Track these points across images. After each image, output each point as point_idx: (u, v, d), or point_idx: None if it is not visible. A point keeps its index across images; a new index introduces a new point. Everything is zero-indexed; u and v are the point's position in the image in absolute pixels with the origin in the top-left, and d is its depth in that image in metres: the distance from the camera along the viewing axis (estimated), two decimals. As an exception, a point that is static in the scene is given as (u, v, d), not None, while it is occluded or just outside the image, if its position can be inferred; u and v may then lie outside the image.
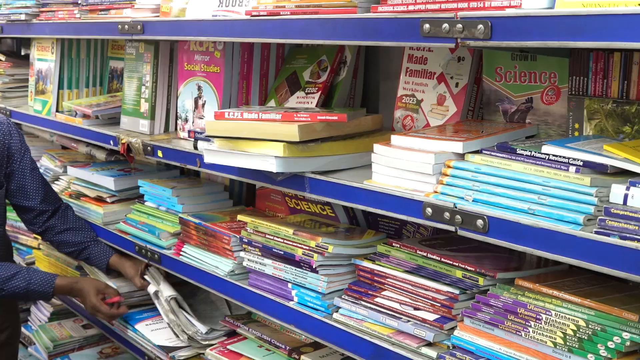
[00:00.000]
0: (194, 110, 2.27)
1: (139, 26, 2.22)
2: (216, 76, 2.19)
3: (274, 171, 1.71)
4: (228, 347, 2.21)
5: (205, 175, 2.61)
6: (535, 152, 1.39)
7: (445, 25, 1.37)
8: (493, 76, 1.77)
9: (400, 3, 1.50)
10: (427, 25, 1.40)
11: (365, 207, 1.62)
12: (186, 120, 2.30)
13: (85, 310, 2.59)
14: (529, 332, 1.41)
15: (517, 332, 1.43)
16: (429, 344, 1.57)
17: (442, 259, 1.63)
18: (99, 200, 2.74)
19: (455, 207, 1.42)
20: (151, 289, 2.46)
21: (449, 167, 1.48)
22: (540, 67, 1.68)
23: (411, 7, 1.48)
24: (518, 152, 1.42)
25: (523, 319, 1.43)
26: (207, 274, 2.13)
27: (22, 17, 2.95)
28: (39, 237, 3.11)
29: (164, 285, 2.43)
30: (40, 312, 3.47)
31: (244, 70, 2.21)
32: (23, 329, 3.48)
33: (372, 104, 2.22)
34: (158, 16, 2.27)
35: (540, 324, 1.40)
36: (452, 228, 1.43)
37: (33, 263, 3.29)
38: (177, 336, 2.35)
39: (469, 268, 1.59)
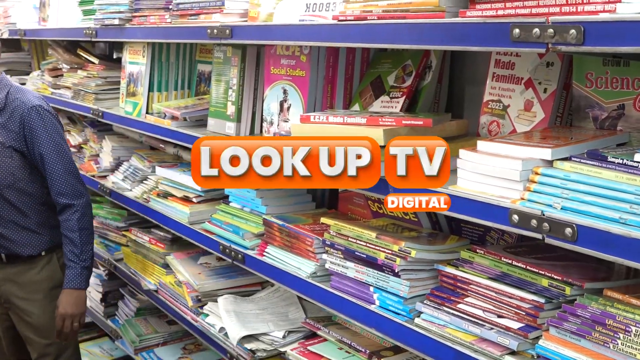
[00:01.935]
0: (279, 113, 2.31)
1: (227, 31, 2.28)
2: (302, 80, 2.22)
3: (359, 175, 1.72)
4: (308, 347, 2.23)
5: (289, 177, 2.64)
6: (627, 160, 1.36)
7: (536, 30, 1.35)
8: (583, 82, 1.73)
9: (489, 8, 1.49)
10: (517, 30, 1.39)
11: (449, 213, 1.61)
12: (271, 123, 2.34)
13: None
14: (617, 344, 1.38)
15: (605, 344, 1.40)
16: (513, 353, 1.56)
17: (528, 267, 1.61)
18: (186, 200, 2.81)
19: (543, 215, 1.40)
20: (216, 325, 2.55)
21: (536, 173, 1.46)
22: (633, 73, 1.64)
23: (500, 12, 1.47)
24: (609, 159, 1.38)
25: (611, 331, 1.39)
26: (289, 275, 2.16)
27: (116, 21, 3.05)
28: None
29: (228, 323, 2.47)
30: (127, 307, 3.58)
31: (329, 74, 2.23)
32: (110, 323, 3.61)
33: (457, 109, 2.21)
34: (246, 21, 2.32)
35: (630, 336, 1.36)
36: (539, 236, 1.41)
37: (121, 260, 3.41)
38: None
39: (555, 277, 1.56)
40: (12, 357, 3.14)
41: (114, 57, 4.00)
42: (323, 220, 2.10)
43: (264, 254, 2.29)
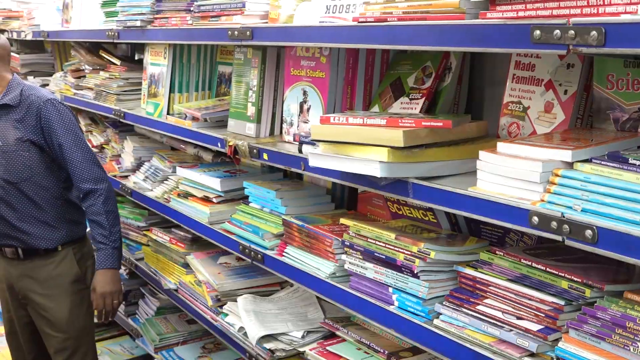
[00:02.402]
0: (299, 115, 2.32)
1: (248, 32, 2.29)
2: (321, 81, 2.23)
3: (378, 176, 1.73)
4: (327, 348, 2.24)
5: (308, 178, 2.65)
6: (648, 162, 1.35)
7: (557, 31, 1.35)
8: (604, 84, 1.73)
9: (509, 9, 1.49)
10: (537, 32, 1.39)
11: (469, 214, 1.61)
12: (291, 124, 2.35)
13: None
14: (637, 347, 1.37)
15: (625, 347, 1.39)
16: (532, 355, 1.55)
17: (548, 269, 1.61)
18: (206, 200, 2.83)
19: (563, 217, 1.40)
20: (236, 324, 2.56)
21: (557, 175, 1.46)
22: (655, 75, 1.63)
23: (521, 14, 1.46)
24: (630, 161, 1.38)
25: (632, 334, 1.39)
26: (308, 275, 2.16)
27: (138, 23, 3.08)
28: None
29: (248, 323, 2.48)
30: (147, 306, 3.61)
31: (348, 76, 2.24)
32: (131, 322, 3.64)
33: (477, 110, 2.21)
34: (266, 22, 2.34)
35: (651, 339, 1.36)
36: (559, 238, 1.41)
37: (142, 259, 3.44)
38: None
39: (575, 279, 1.56)
40: (30, 353, 3.19)
41: (136, 58, 4.03)
42: (342, 221, 2.10)
43: (283, 254, 2.30)
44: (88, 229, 3.19)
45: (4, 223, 2.94)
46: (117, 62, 3.70)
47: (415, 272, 1.81)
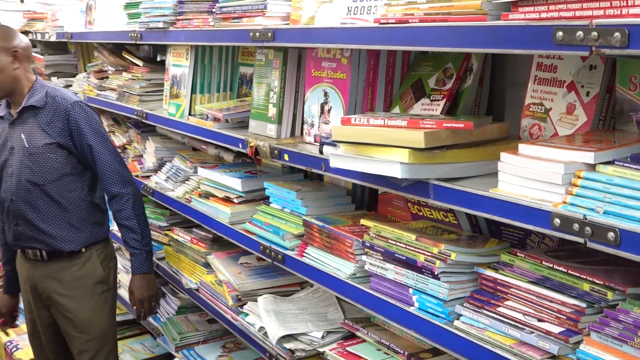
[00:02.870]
0: (320, 116, 2.33)
1: (269, 33, 2.30)
2: (342, 82, 2.24)
3: (399, 177, 1.73)
4: (347, 348, 2.25)
5: (329, 179, 2.66)
6: (672, 164, 1.34)
7: (580, 33, 1.35)
8: (627, 85, 1.72)
9: (532, 10, 1.49)
10: (560, 33, 1.38)
11: (490, 216, 1.61)
12: (312, 125, 2.36)
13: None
14: (660, 350, 1.37)
15: (648, 350, 1.39)
16: (553, 357, 1.55)
17: (569, 271, 1.60)
18: (227, 200, 2.84)
19: (585, 219, 1.39)
20: (256, 324, 2.57)
21: (579, 177, 1.45)
22: (679, 76, 1.62)
23: (544, 15, 1.46)
24: (653, 164, 1.37)
25: (654, 337, 1.38)
26: (328, 276, 2.17)
27: (160, 25, 3.10)
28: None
29: (268, 323, 2.49)
30: (168, 306, 3.63)
31: (369, 77, 2.24)
32: (152, 321, 3.67)
33: (498, 111, 2.20)
34: (288, 24, 2.35)
35: (673, 342, 1.35)
36: (581, 240, 1.40)
37: (163, 258, 3.46)
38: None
39: (597, 281, 1.55)
40: (52, 353, 3.22)
41: (158, 59, 4.06)
42: (363, 221, 2.10)
43: (304, 254, 2.31)
44: (111, 228, 3.23)
45: (29, 225, 2.97)
46: (140, 63, 3.73)
47: (435, 273, 1.81)
